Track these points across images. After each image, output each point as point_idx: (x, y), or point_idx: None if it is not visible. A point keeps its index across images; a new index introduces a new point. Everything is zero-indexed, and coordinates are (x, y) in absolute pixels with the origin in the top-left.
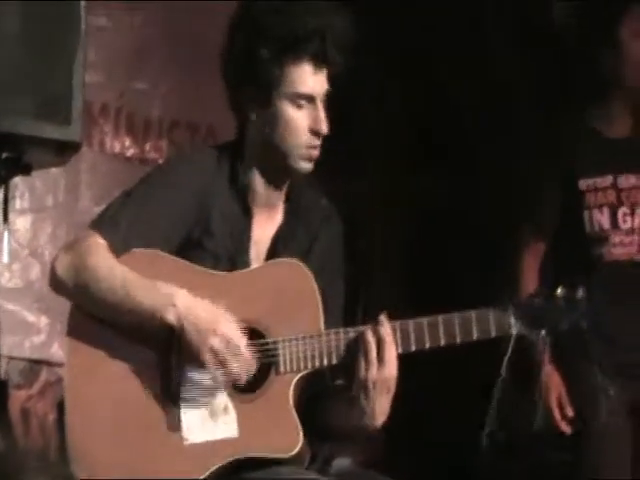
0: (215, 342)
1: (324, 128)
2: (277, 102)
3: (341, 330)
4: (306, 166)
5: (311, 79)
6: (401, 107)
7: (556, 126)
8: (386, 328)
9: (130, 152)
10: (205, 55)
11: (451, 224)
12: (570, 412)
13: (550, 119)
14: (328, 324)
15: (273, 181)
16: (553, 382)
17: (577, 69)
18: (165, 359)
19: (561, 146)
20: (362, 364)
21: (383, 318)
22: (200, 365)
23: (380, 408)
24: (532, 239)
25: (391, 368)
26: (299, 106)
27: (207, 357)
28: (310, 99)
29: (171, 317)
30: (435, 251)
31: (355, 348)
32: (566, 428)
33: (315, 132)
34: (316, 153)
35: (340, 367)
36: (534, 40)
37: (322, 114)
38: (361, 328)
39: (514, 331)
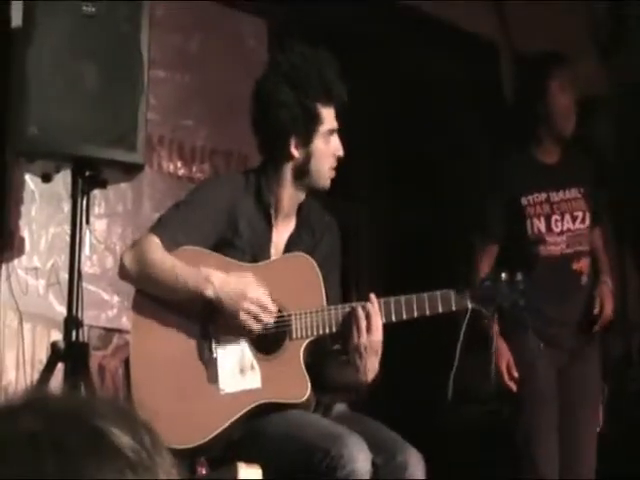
0: (246, 303)
1: (342, 153)
2: (316, 139)
3: (339, 306)
4: (328, 183)
5: (333, 116)
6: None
7: (501, 157)
8: (373, 303)
9: (180, 172)
10: (235, 98)
11: (420, 233)
12: (516, 374)
13: (497, 151)
14: (329, 302)
15: (292, 194)
16: (502, 349)
17: (519, 115)
18: (206, 327)
19: (505, 172)
20: (355, 332)
21: (372, 296)
22: (234, 330)
23: (370, 367)
24: (485, 243)
25: (378, 334)
26: (327, 139)
27: (241, 316)
28: (333, 132)
29: (209, 292)
30: (409, 247)
31: (350, 319)
32: (513, 387)
33: (337, 156)
34: (334, 173)
35: (338, 335)
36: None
37: (339, 141)
38: (354, 304)
39: (469, 306)
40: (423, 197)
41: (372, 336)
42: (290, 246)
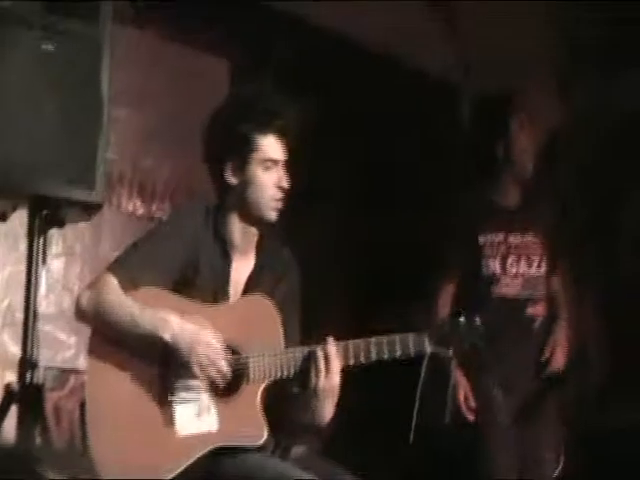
0: (201, 355)
1: (285, 185)
2: (252, 167)
3: (298, 348)
4: (273, 216)
5: (276, 147)
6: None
7: (463, 199)
8: (332, 346)
9: (140, 211)
10: (197, 136)
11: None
12: (473, 404)
13: (456, 191)
14: (288, 344)
15: (247, 229)
16: (461, 384)
17: (478, 155)
18: (164, 369)
19: (464, 212)
20: (313, 374)
21: (329, 339)
22: (190, 373)
23: (327, 409)
24: (444, 282)
25: (335, 378)
26: (267, 168)
27: (195, 367)
28: (275, 162)
29: (167, 336)
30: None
31: (308, 362)
32: (471, 417)
33: (280, 187)
34: (280, 205)
35: (297, 377)
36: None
37: (284, 173)
38: (313, 346)
39: (428, 350)
40: (385, 233)
41: (329, 379)
42: (250, 286)
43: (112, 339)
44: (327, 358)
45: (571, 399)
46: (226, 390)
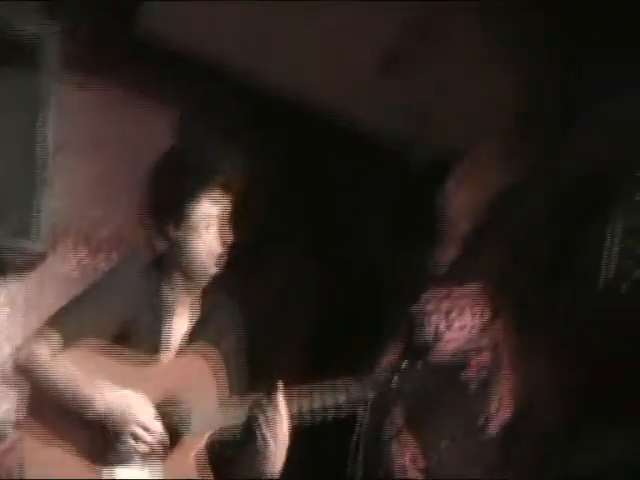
0: (134, 427)
1: (228, 240)
2: (193, 223)
3: (243, 398)
4: (214, 270)
5: (219, 202)
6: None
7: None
8: (279, 394)
9: (85, 262)
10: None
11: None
12: (422, 464)
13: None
14: (234, 394)
15: (188, 281)
16: (407, 445)
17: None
18: (101, 436)
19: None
20: (262, 423)
21: (278, 385)
22: (125, 441)
23: (279, 456)
24: (390, 344)
25: (285, 425)
26: (209, 224)
27: (129, 435)
28: (217, 218)
29: (99, 408)
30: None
31: (256, 411)
32: (420, 477)
33: (222, 243)
34: (224, 260)
35: (244, 427)
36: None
37: (227, 229)
38: (259, 395)
39: (370, 396)
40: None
41: (279, 427)
42: (193, 337)
43: (49, 398)
44: (275, 405)
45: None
46: (167, 450)
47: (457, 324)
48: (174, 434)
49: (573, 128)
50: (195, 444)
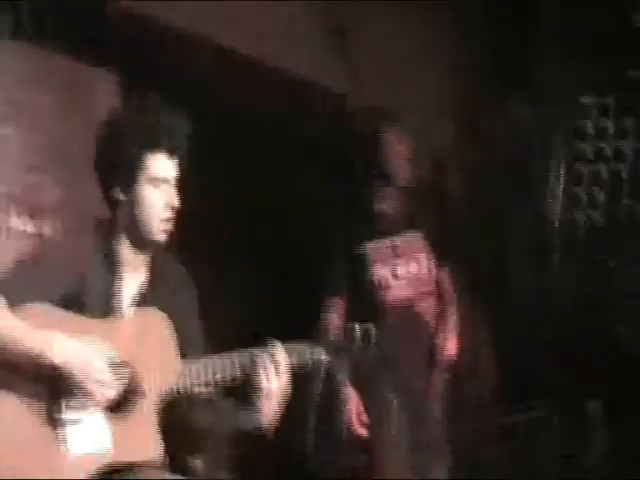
0: (92, 374)
1: (176, 203)
2: (139, 185)
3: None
4: (161, 235)
5: (164, 165)
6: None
7: (346, 211)
8: (280, 348)
9: (29, 229)
10: (86, 153)
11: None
12: (366, 419)
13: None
14: (193, 355)
15: (139, 249)
16: (352, 398)
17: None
18: (55, 389)
19: (348, 223)
20: (263, 377)
21: (278, 343)
22: (81, 393)
23: (274, 411)
24: (333, 299)
25: (284, 378)
26: (156, 186)
27: (86, 387)
28: (164, 181)
29: (56, 357)
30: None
31: (255, 365)
32: (363, 432)
33: (168, 206)
34: (170, 225)
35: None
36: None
37: (173, 192)
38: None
39: (324, 359)
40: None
41: (280, 381)
42: (142, 300)
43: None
44: (276, 360)
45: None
46: (120, 406)
47: (403, 272)
48: (127, 398)
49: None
50: (149, 407)
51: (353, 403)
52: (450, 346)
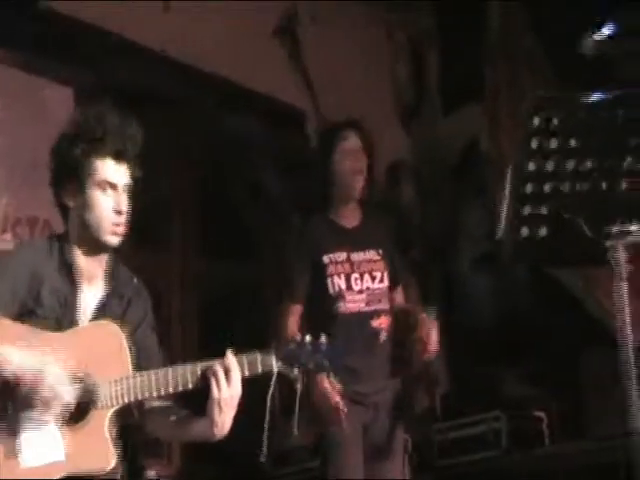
0: (44, 387)
1: (124, 208)
2: (88, 190)
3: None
4: (113, 240)
5: (113, 170)
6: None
7: (305, 222)
8: (231, 358)
9: None
10: (40, 164)
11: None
12: (337, 385)
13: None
14: (149, 367)
15: (91, 254)
16: (324, 386)
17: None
18: (5, 401)
19: (308, 234)
20: (214, 387)
21: (229, 353)
22: (32, 406)
23: (228, 421)
24: (290, 304)
25: (238, 388)
26: (104, 191)
27: (37, 401)
28: (113, 186)
29: (8, 370)
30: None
31: (207, 376)
32: (337, 398)
33: (117, 211)
34: (120, 229)
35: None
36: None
37: (123, 198)
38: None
39: (275, 369)
40: (236, 259)
41: (232, 390)
42: (98, 313)
43: None
44: (227, 370)
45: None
46: (73, 418)
47: (357, 287)
48: (80, 410)
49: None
50: (102, 419)
51: (326, 388)
52: (433, 342)
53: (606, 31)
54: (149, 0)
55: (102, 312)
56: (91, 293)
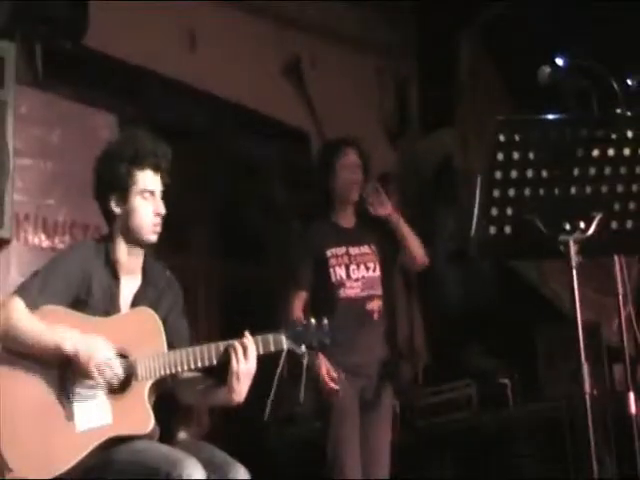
0: (97, 361)
1: (162, 211)
2: (132, 198)
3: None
4: (153, 238)
5: (151, 180)
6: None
7: (308, 224)
8: (249, 339)
9: (44, 244)
10: (90, 179)
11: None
12: (335, 375)
13: (306, 217)
14: (180, 345)
15: (131, 251)
16: (321, 360)
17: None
18: (64, 374)
19: (312, 233)
20: (234, 361)
21: (247, 333)
22: (87, 377)
23: (245, 389)
24: (296, 291)
25: (254, 363)
26: (145, 198)
27: (92, 371)
28: (152, 193)
29: (68, 347)
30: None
31: (229, 352)
32: (333, 385)
33: (157, 214)
34: (158, 228)
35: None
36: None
37: (160, 202)
38: (222, 343)
39: (285, 347)
40: (250, 258)
41: (249, 364)
42: (136, 301)
43: (18, 351)
44: (245, 348)
45: (404, 379)
46: (118, 389)
47: (354, 276)
48: (124, 382)
49: (432, 131)
50: (142, 389)
51: (323, 364)
52: (420, 252)
53: (557, 65)
54: (178, 41)
55: (140, 300)
56: (131, 284)
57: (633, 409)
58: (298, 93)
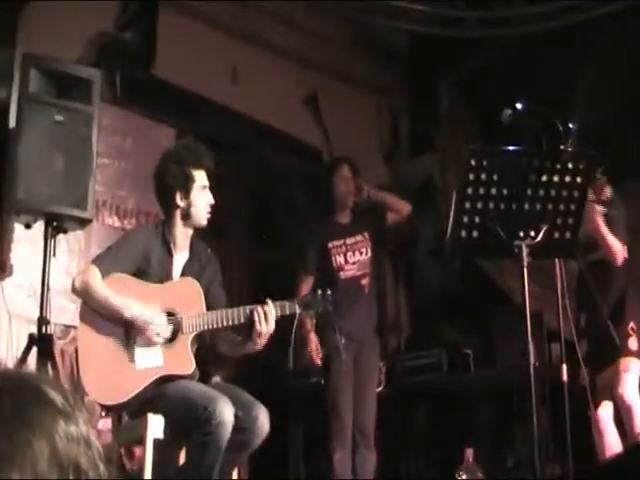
0: (150, 326)
1: (213, 202)
2: (193, 192)
3: (234, 309)
4: (205, 222)
5: (204, 177)
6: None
7: (315, 222)
8: (270, 304)
9: (116, 225)
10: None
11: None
12: (321, 353)
13: (309, 220)
14: (217, 308)
15: (183, 233)
16: (312, 339)
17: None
18: (128, 329)
19: (317, 228)
20: (257, 322)
21: (269, 300)
22: (143, 334)
23: (264, 342)
24: (303, 273)
25: (273, 324)
26: (201, 192)
27: (148, 332)
28: (205, 187)
29: (127, 315)
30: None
31: (253, 314)
32: (318, 362)
33: (210, 204)
34: (209, 215)
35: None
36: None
37: (210, 195)
38: (251, 306)
39: (297, 312)
40: (275, 248)
41: (269, 324)
42: (184, 272)
43: (94, 309)
44: (266, 312)
45: (389, 346)
46: (168, 340)
47: (351, 260)
48: (172, 334)
49: (418, 155)
50: (186, 340)
51: (313, 343)
52: (401, 203)
53: (517, 108)
54: (224, 74)
55: (187, 271)
56: (181, 258)
57: (565, 377)
58: (315, 120)
